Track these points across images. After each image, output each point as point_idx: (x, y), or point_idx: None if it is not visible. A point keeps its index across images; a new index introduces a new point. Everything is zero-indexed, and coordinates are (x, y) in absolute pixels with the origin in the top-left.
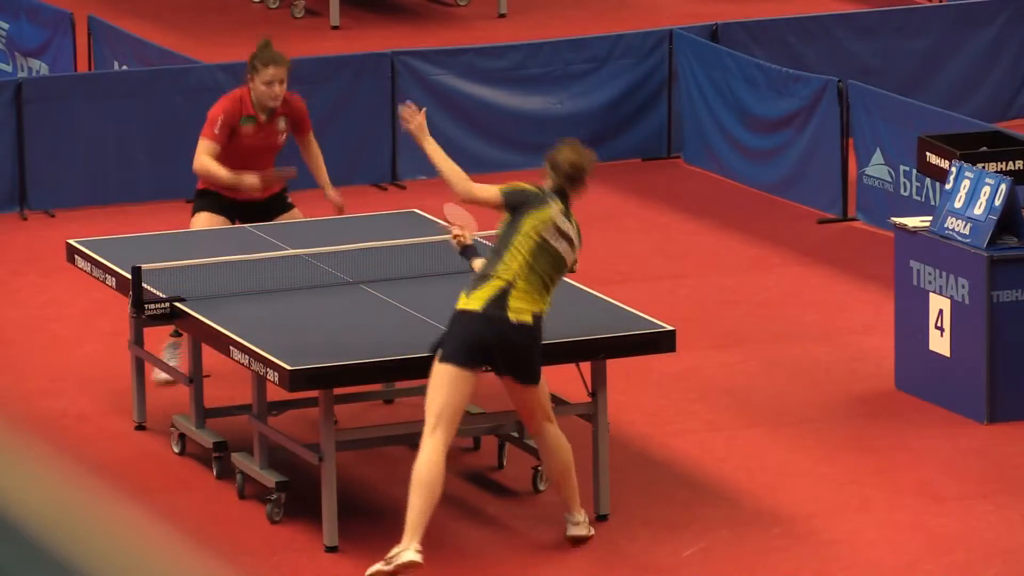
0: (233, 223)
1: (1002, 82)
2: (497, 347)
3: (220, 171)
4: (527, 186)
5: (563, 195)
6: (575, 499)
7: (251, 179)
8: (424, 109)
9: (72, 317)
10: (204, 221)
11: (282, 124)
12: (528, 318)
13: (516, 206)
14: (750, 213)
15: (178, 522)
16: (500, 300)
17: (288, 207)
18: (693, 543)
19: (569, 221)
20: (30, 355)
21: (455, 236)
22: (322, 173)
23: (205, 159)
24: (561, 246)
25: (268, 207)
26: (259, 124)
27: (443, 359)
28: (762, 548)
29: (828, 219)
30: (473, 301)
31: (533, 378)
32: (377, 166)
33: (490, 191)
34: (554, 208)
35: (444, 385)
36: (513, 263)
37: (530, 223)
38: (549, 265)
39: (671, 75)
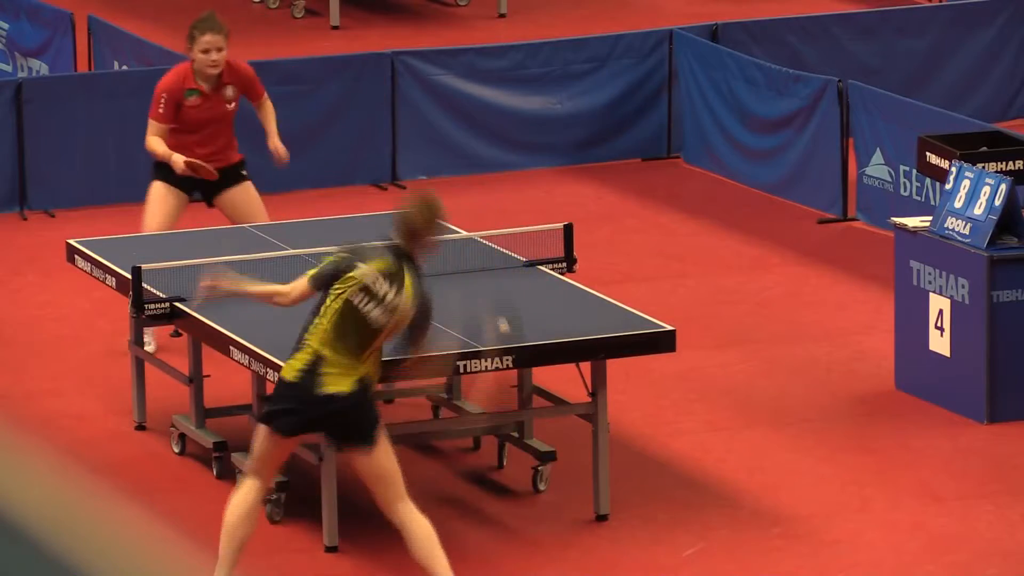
0: (189, 193)
1: (1002, 82)
2: (317, 420)
3: (159, 147)
4: (338, 255)
5: (402, 254)
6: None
7: (177, 160)
8: (222, 275)
9: (72, 317)
10: (159, 189)
11: (229, 92)
12: (345, 388)
13: (326, 282)
14: (750, 213)
15: (178, 522)
16: (312, 371)
17: (242, 178)
18: (693, 543)
19: (391, 284)
20: (30, 355)
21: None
22: (270, 125)
23: (149, 138)
24: (370, 310)
25: (222, 177)
26: (204, 95)
27: (262, 420)
28: (762, 548)
29: (828, 219)
30: (288, 370)
31: (364, 441)
32: (377, 166)
33: (300, 285)
34: (366, 269)
35: (263, 443)
36: (318, 330)
37: (338, 286)
38: (355, 331)
39: (671, 75)
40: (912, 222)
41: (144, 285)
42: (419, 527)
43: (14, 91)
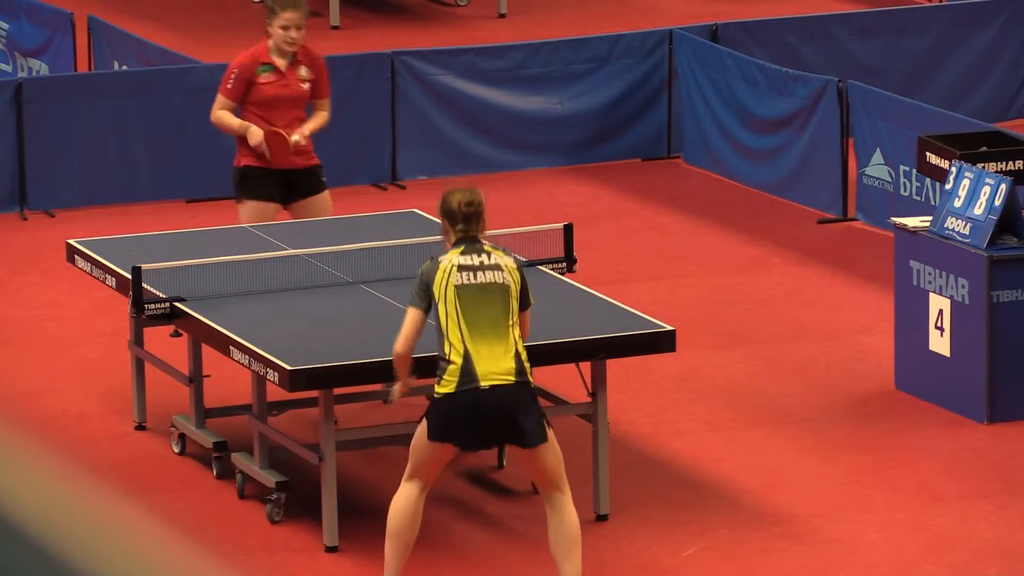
0: (278, 200)
1: (1002, 82)
2: (487, 420)
3: (230, 120)
4: (419, 273)
5: (465, 240)
6: None
7: (255, 132)
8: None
9: (72, 317)
10: (251, 210)
11: (304, 72)
12: (509, 376)
13: (425, 292)
14: (750, 213)
15: (178, 522)
16: (467, 372)
17: (322, 186)
18: (693, 543)
19: (479, 255)
20: (30, 355)
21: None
22: (312, 123)
23: (217, 112)
24: (482, 277)
25: (306, 183)
26: (278, 72)
27: (431, 438)
28: (762, 548)
29: (828, 219)
30: (444, 387)
31: (532, 440)
32: (377, 166)
33: (411, 315)
34: (447, 259)
35: (426, 453)
36: (451, 337)
37: (437, 289)
38: (482, 308)
39: (671, 75)
40: (912, 222)
41: (144, 285)
42: (566, 522)
43: (14, 91)
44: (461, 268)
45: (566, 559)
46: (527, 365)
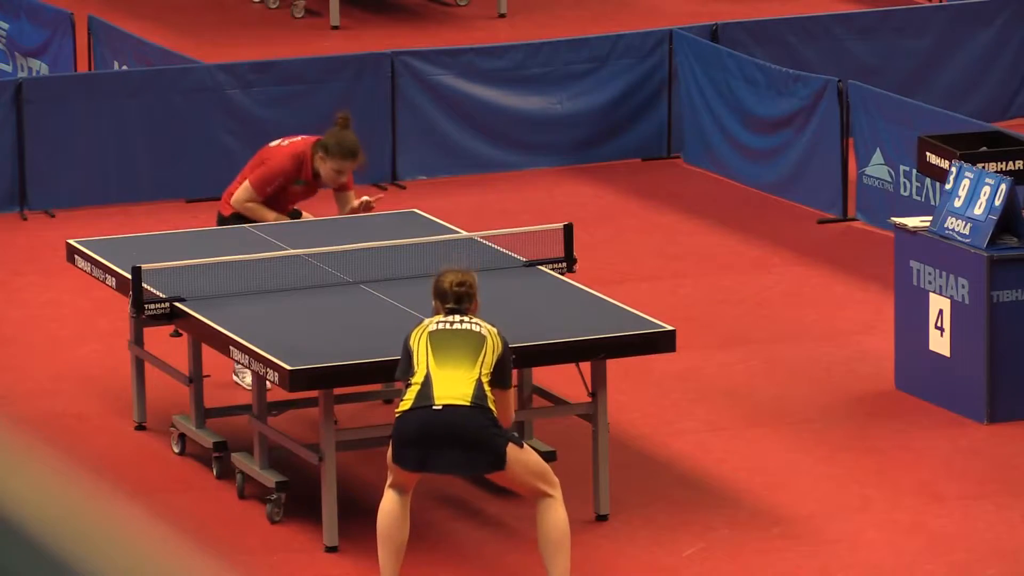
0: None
1: (1002, 82)
2: (439, 443)
3: (267, 214)
4: (403, 344)
5: (455, 310)
6: None
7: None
8: None
9: (72, 317)
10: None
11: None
12: (463, 400)
13: (407, 355)
14: (750, 213)
15: (178, 522)
16: (424, 392)
17: (296, 214)
18: (693, 543)
19: (463, 315)
20: (30, 355)
21: None
22: (344, 210)
23: (248, 204)
24: (459, 326)
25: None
26: (308, 184)
27: (393, 460)
28: (762, 548)
29: (828, 219)
30: (403, 405)
31: (491, 467)
32: (377, 166)
33: (403, 390)
34: (428, 320)
35: (392, 470)
36: (419, 365)
37: (414, 341)
38: (455, 346)
39: (671, 75)
40: (912, 222)
41: (144, 285)
42: (551, 523)
43: (14, 91)
44: (440, 322)
45: (553, 559)
46: (490, 396)
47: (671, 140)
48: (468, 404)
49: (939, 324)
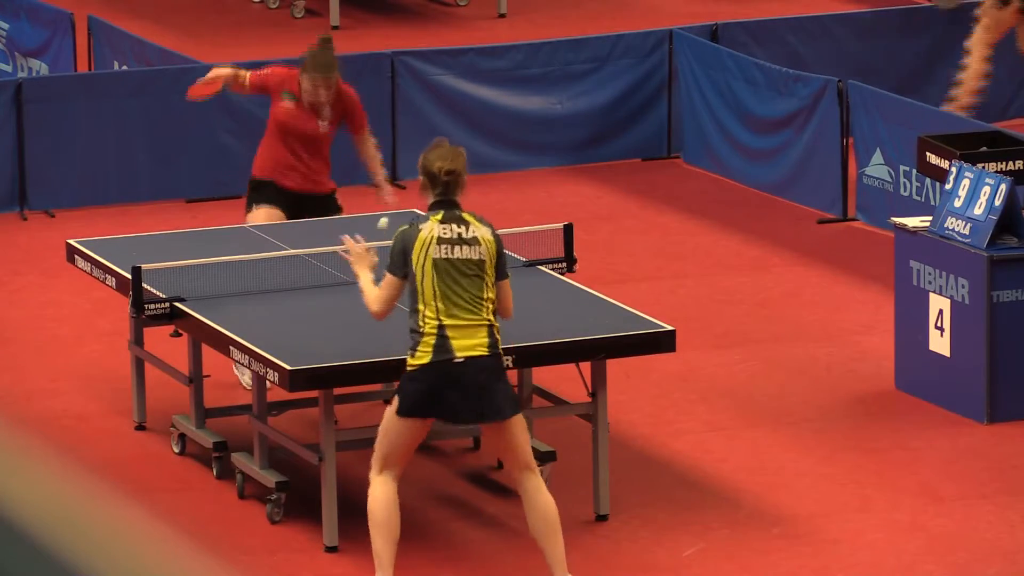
0: (288, 217)
1: (1002, 82)
2: (454, 390)
3: (220, 70)
4: (397, 236)
5: (444, 203)
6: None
7: (218, 73)
8: (368, 246)
9: (72, 317)
10: (262, 216)
11: (325, 112)
12: (481, 350)
13: (403, 261)
14: (750, 213)
15: (178, 522)
16: (441, 345)
17: (337, 209)
18: (693, 543)
19: (458, 224)
20: (30, 355)
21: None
22: (375, 170)
23: (229, 71)
24: (459, 252)
25: (323, 204)
26: (298, 104)
27: (399, 413)
28: (762, 548)
29: (828, 219)
30: (417, 359)
31: (501, 414)
32: None
33: (389, 282)
34: (427, 228)
35: (396, 435)
36: (428, 310)
37: (415, 258)
38: (460, 284)
39: (671, 75)
40: (912, 222)
41: (144, 285)
42: (542, 504)
43: (14, 91)
44: (440, 241)
45: (548, 541)
46: (499, 338)
47: (671, 140)
48: (487, 354)
49: (939, 324)
